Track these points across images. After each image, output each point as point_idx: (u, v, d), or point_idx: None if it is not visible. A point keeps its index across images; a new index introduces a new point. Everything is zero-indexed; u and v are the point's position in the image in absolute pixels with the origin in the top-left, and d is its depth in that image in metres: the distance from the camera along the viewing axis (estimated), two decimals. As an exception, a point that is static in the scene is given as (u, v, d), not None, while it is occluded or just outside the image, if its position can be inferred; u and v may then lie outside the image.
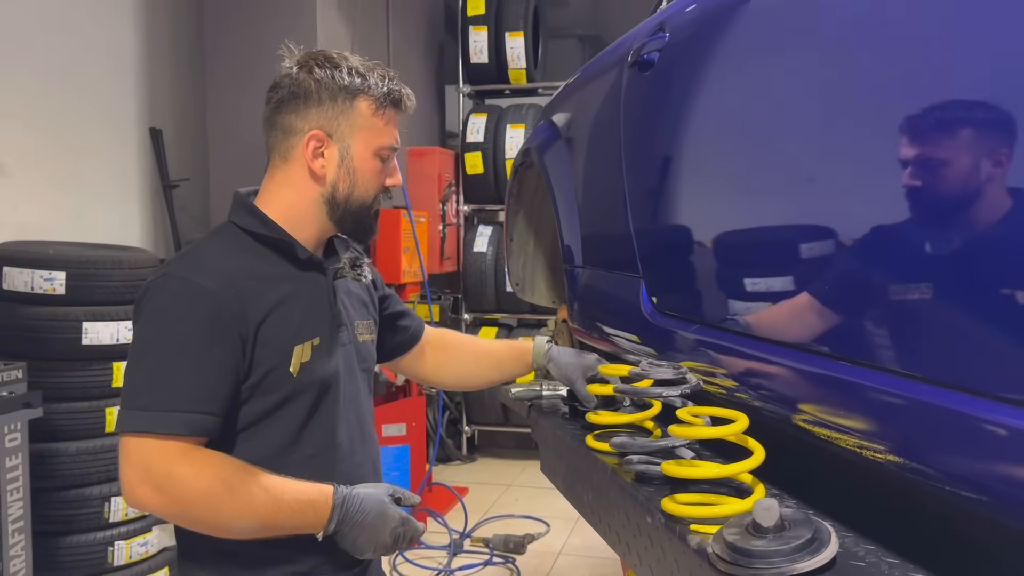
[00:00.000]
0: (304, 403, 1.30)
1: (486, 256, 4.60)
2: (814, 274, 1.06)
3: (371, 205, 1.36)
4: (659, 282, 1.52)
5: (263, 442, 1.27)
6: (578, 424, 1.58)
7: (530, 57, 4.69)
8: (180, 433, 1.17)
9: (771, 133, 1.17)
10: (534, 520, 3.83)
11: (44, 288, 2.74)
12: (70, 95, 3.34)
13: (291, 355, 1.27)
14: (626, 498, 1.21)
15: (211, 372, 1.20)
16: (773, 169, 1.17)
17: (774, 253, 1.15)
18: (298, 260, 1.33)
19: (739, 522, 0.96)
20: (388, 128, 1.35)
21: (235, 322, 1.22)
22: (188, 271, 1.24)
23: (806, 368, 1.03)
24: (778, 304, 1.16)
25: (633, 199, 1.60)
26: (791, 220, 1.14)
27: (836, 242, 1.01)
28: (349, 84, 1.31)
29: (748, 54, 1.25)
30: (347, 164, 1.32)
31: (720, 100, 1.33)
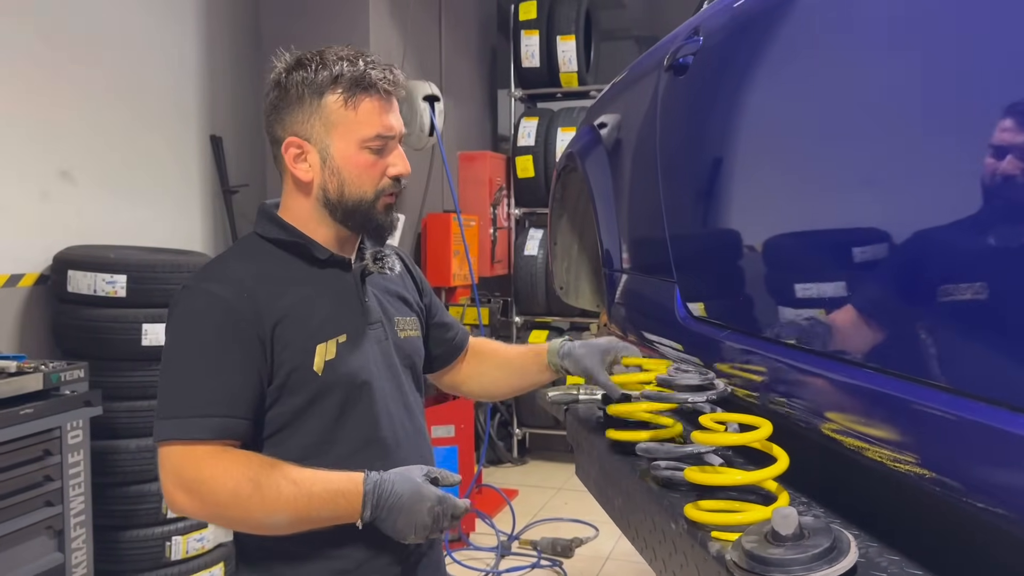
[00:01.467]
0: (334, 401, 1.30)
1: (537, 259, 4.61)
2: (851, 281, 1.04)
3: (372, 201, 1.33)
4: (692, 287, 1.51)
5: (296, 443, 1.28)
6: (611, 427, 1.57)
7: (582, 60, 4.69)
8: (204, 437, 1.19)
9: (801, 137, 1.16)
10: (583, 524, 3.83)
11: (106, 291, 2.84)
12: (134, 104, 3.45)
13: (313, 353, 1.27)
14: (652, 503, 1.20)
15: (231, 376, 1.23)
16: (799, 173, 1.16)
17: (807, 259, 1.13)
18: (318, 260, 1.34)
19: (758, 530, 0.95)
20: (369, 117, 1.29)
21: (251, 326, 1.24)
22: (205, 282, 1.27)
23: (840, 378, 1.01)
24: (811, 311, 1.15)
25: (668, 203, 1.60)
26: (825, 225, 1.12)
27: (879, 247, 0.99)
28: (313, 82, 1.28)
29: (781, 56, 1.23)
30: (330, 164, 1.30)
31: (753, 103, 1.31)
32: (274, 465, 1.21)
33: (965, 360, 0.84)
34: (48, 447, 2.44)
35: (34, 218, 2.99)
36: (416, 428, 1.41)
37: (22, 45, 2.94)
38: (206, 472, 1.19)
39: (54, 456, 2.46)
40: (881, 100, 0.97)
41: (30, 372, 2.42)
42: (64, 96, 3.11)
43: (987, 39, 0.79)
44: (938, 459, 0.88)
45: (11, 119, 2.90)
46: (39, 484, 2.42)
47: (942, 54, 0.86)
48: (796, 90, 1.18)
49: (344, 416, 1.31)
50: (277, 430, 1.28)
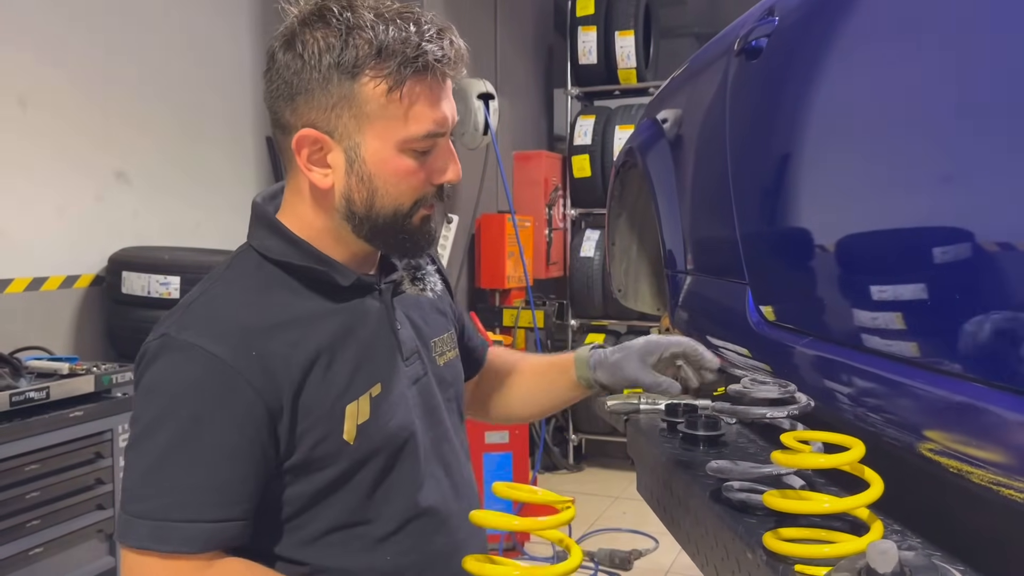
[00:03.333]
0: (371, 472, 1.01)
1: (593, 261, 4.50)
2: (950, 284, 0.92)
3: (408, 214, 1.02)
4: (767, 289, 1.39)
5: (319, 527, 1.01)
6: (675, 442, 1.46)
7: (640, 56, 4.56)
8: (187, 550, 0.91)
9: (896, 124, 1.04)
10: (642, 535, 3.70)
11: (160, 292, 2.83)
12: (190, 106, 3.45)
13: (343, 419, 0.98)
14: (725, 529, 1.09)
15: (227, 466, 0.93)
16: (892, 162, 1.04)
17: (906, 258, 1.01)
18: (341, 288, 1.04)
19: (851, 565, 0.83)
20: (420, 110, 0.97)
21: (258, 397, 0.94)
22: (191, 331, 0.94)
23: (942, 393, 0.89)
24: (910, 316, 1.02)
25: (739, 199, 1.48)
26: (925, 220, 0.99)
27: (968, 247, 0.87)
28: (347, 57, 0.94)
29: (870, 33, 1.11)
30: (358, 169, 0.98)
31: (838, 87, 1.19)
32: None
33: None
34: (99, 450, 2.43)
35: (90, 219, 3.00)
36: (462, 482, 1.14)
37: (79, 48, 2.95)
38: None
39: (105, 459, 2.45)
40: (990, 83, 0.85)
41: (82, 374, 2.41)
42: (120, 98, 3.12)
43: None
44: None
45: (69, 121, 2.91)
46: (90, 487, 2.41)
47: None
48: (887, 71, 1.06)
49: (380, 490, 1.03)
50: (295, 514, 1.00)
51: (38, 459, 2.21)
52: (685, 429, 1.43)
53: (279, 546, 1.01)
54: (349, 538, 1.02)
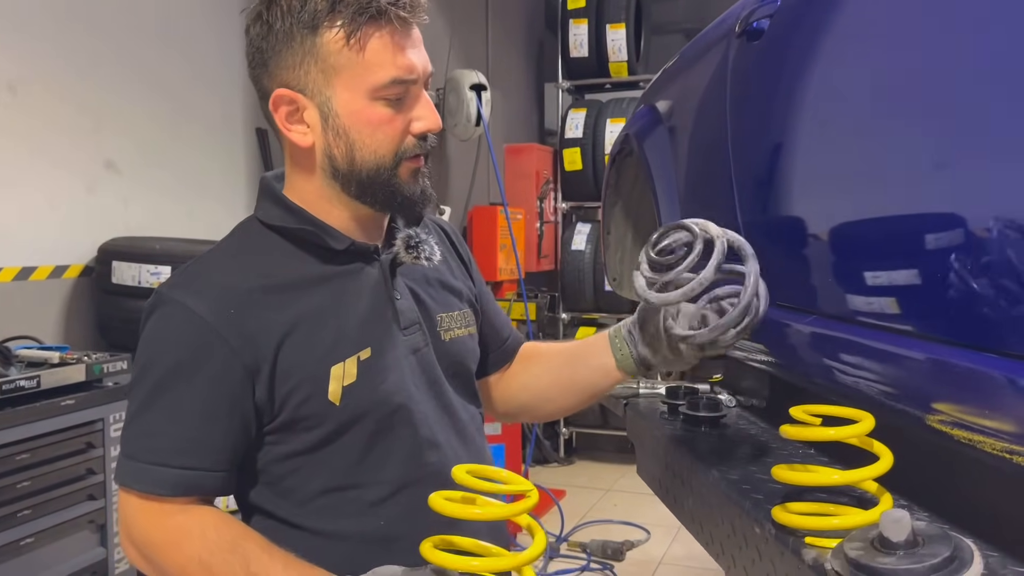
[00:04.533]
0: (360, 435, 1.04)
1: (584, 254, 4.51)
2: (949, 262, 0.93)
3: (393, 167, 1.04)
4: (772, 271, 1.39)
5: (311, 489, 1.04)
6: (677, 424, 1.47)
7: (632, 49, 4.57)
8: (159, 492, 0.97)
9: (895, 109, 1.04)
10: (633, 527, 3.71)
11: (150, 282, 2.81)
12: (179, 96, 3.43)
13: (327, 379, 1.01)
14: (731, 506, 1.09)
15: (202, 419, 0.99)
16: (897, 144, 1.04)
17: (910, 239, 1.01)
18: (336, 253, 1.07)
19: (863, 535, 0.84)
20: (382, 55, 0.99)
21: (236, 355, 0.98)
22: (180, 291, 1.01)
23: (950, 361, 0.89)
24: (910, 292, 1.03)
25: (741, 183, 1.48)
26: (923, 208, 1.00)
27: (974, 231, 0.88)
28: (306, 14, 0.98)
29: (873, 16, 1.11)
30: (333, 123, 1.01)
31: (844, 67, 1.19)
32: (235, 547, 0.96)
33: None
34: (91, 439, 2.41)
35: (79, 209, 2.97)
36: (472, 456, 1.14)
37: (70, 38, 2.92)
38: (156, 537, 0.98)
39: (96, 449, 2.42)
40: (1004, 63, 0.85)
41: (73, 363, 2.39)
42: (110, 87, 3.09)
43: None
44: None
45: (59, 110, 2.88)
46: (82, 477, 2.38)
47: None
48: (888, 54, 1.06)
49: (372, 454, 1.04)
50: (286, 474, 1.04)
51: (29, 448, 2.18)
52: (686, 411, 1.44)
53: (277, 509, 1.05)
54: (341, 502, 1.04)
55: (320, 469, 1.03)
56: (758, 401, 1.59)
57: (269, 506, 1.05)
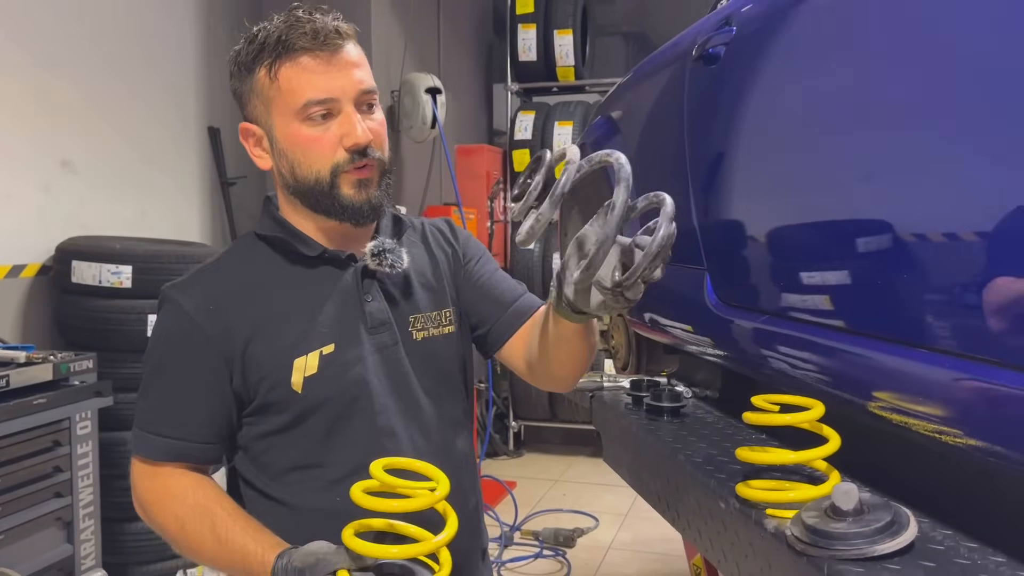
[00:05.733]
0: (321, 420, 1.16)
1: (533, 253, 4.63)
2: (887, 264, 1.07)
3: (330, 179, 1.14)
4: (725, 274, 1.53)
5: (283, 463, 1.18)
6: (641, 414, 1.60)
7: (578, 55, 4.71)
8: (151, 457, 1.15)
9: (842, 127, 1.19)
10: (583, 515, 3.85)
11: (111, 281, 2.83)
12: (133, 95, 3.43)
13: (290, 370, 1.14)
14: (697, 485, 1.23)
15: (185, 398, 1.15)
16: (834, 161, 1.19)
17: (848, 243, 1.16)
18: (309, 259, 1.20)
19: (817, 506, 0.98)
20: (295, 82, 1.12)
21: (211, 345, 1.14)
22: (176, 289, 1.18)
23: (888, 359, 1.04)
24: (850, 292, 1.18)
25: (697, 192, 1.62)
26: (858, 214, 1.15)
27: (905, 235, 1.02)
28: (246, 58, 1.16)
29: (817, 49, 1.26)
30: (277, 147, 1.16)
31: (790, 93, 1.34)
32: (206, 510, 1.12)
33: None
34: (58, 438, 2.43)
35: (35, 208, 2.97)
36: (435, 449, 1.21)
37: (22, 37, 2.91)
38: (148, 495, 1.16)
39: (63, 447, 2.45)
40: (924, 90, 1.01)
41: (39, 363, 2.41)
42: (65, 86, 3.09)
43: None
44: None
45: (13, 109, 2.88)
46: (49, 475, 2.41)
47: (992, 46, 0.89)
48: (827, 80, 1.21)
49: (334, 437, 1.17)
50: (261, 452, 1.19)
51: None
52: (650, 402, 1.57)
53: (256, 480, 1.20)
54: (306, 478, 1.17)
55: (289, 448, 1.17)
56: (711, 392, 1.74)
57: (250, 477, 1.20)
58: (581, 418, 4.72)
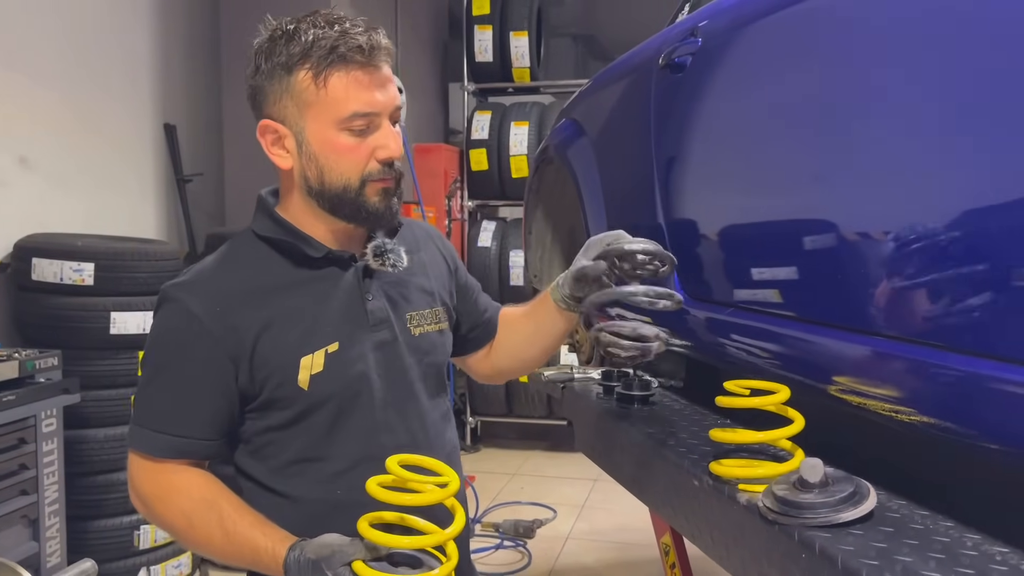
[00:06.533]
0: (324, 416, 1.20)
1: (490, 251, 4.70)
2: (851, 259, 1.17)
3: (359, 188, 1.19)
4: (692, 270, 1.62)
5: (285, 457, 1.21)
6: (612, 402, 1.69)
7: (534, 56, 4.80)
8: (154, 454, 1.17)
9: (795, 133, 1.29)
10: (541, 507, 3.94)
11: (73, 279, 2.81)
12: (89, 91, 3.41)
13: (297, 368, 1.18)
14: (671, 466, 1.32)
15: (191, 396, 1.17)
16: (794, 165, 1.29)
17: (803, 242, 1.26)
18: (313, 260, 1.23)
19: (786, 480, 1.08)
20: (345, 92, 1.14)
21: (219, 344, 1.16)
22: (180, 289, 1.19)
23: (848, 345, 1.14)
24: (804, 285, 1.28)
25: (664, 192, 1.71)
26: (812, 214, 1.25)
27: (852, 233, 1.14)
28: (283, 58, 1.16)
29: (775, 61, 1.36)
30: (306, 150, 1.18)
31: (749, 102, 1.44)
32: (213, 504, 1.15)
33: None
34: (23, 435, 2.43)
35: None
36: (417, 442, 1.26)
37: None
38: (151, 491, 1.18)
39: (29, 444, 2.45)
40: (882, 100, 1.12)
41: (4, 360, 2.40)
42: (21, 82, 3.06)
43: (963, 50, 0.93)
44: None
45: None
46: (14, 473, 2.40)
47: (946, 58, 0.99)
48: (787, 91, 1.32)
49: (336, 431, 1.21)
50: (263, 445, 1.22)
51: (-36, 445, 2.20)
52: (621, 390, 1.66)
53: (257, 473, 1.23)
54: (308, 471, 1.21)
55: (291, 442, 1.21)
56: (676, 381, 1.84)
57: (250, 470, 1.23)
58: (537, 413, 4.81)
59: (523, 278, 4.63)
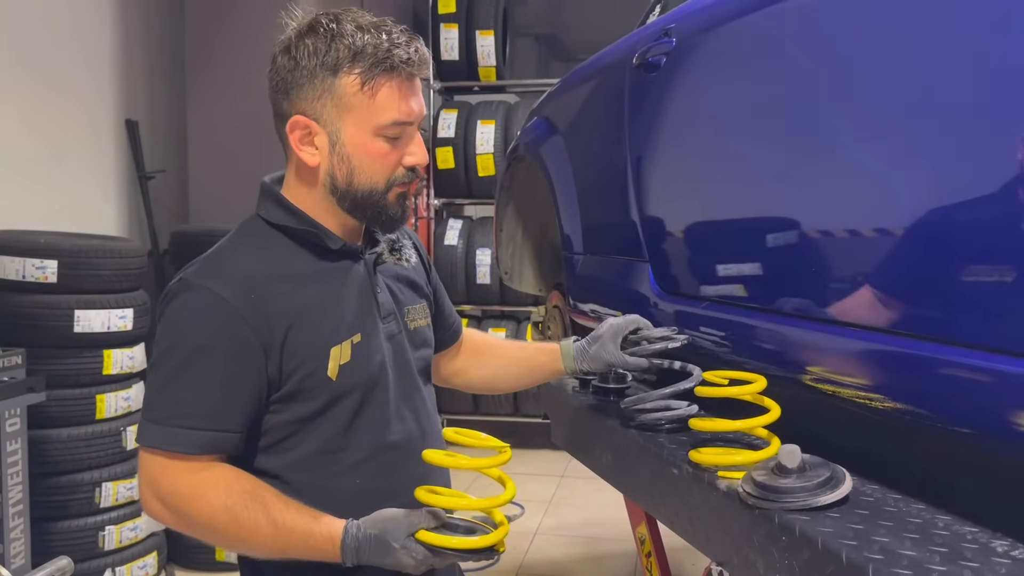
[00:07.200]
0: (347, 406, 1.21)
1: (456, 249, 4.71)
2: (827, 255, 1.22)
3: (384, 191, 1.22)
4: (667, 267, 1.66)
5: (303, 451, 1.20)
6: (589, 396, 1.72)
7: (499, 55, 4.81)
8: (189, 452, 1.13)
9: (767, 132, 1.33)
10: (510, 503, 3.96)
11: (36, 276, 2.77)
12: (49, 87, 3.35)
13: (327, 359, 1.19)
14: (650, 456, 1.35)
15: (226, 387, 1.14)
16: (764, 162, 1.34)
17: (786, 236, 1.30)
18: (330, 252, 1.24)
19: (765, 466, 1.11)
20: (389, 101, 1.17)
21: (255, 334, 1.14)
22: (206, 277, 1.17)
23: (828, 337, 1.18)
24: (775, 279, 1.32)
25: (639, 190, 1.74)
26: (783, 211, 1.30)
27: (820, 229, 1.19)
28: (329, 58, 1.15)
29: (747, 62, 1.41)
30: (339, 151, 1.19)
31: (722, 101, 1.48)
32: (255, 497, 1.13)
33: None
34: (-15, 434, 2.39)
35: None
36: (427, 428, 1.32)
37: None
38: (184, 490, 1.13)
39: (-9, 443, 2.41)
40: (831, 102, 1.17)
41: (-34, 358, 2.36)
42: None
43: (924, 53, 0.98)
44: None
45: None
46: (-24, 472, 2.36)
47: (910, 61, 1.04)
48: (757, 91, 1.36)
49: (355, 422, 1.22)
50: (283, 438, 1.21)
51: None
52: (597, 384, 1.69)
53: (273, 466, 1.21)
54: (326, 463, 1.22)
55: (314, 434, 1.21)
56: (650, 376, 1.87)
57: (264, 465, 1.21)
58: (504, 411, 4.83)
59: (489, 276, 4.65)
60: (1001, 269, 0.91)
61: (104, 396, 2.87)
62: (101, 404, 2.86)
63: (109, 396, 2.88)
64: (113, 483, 2.88)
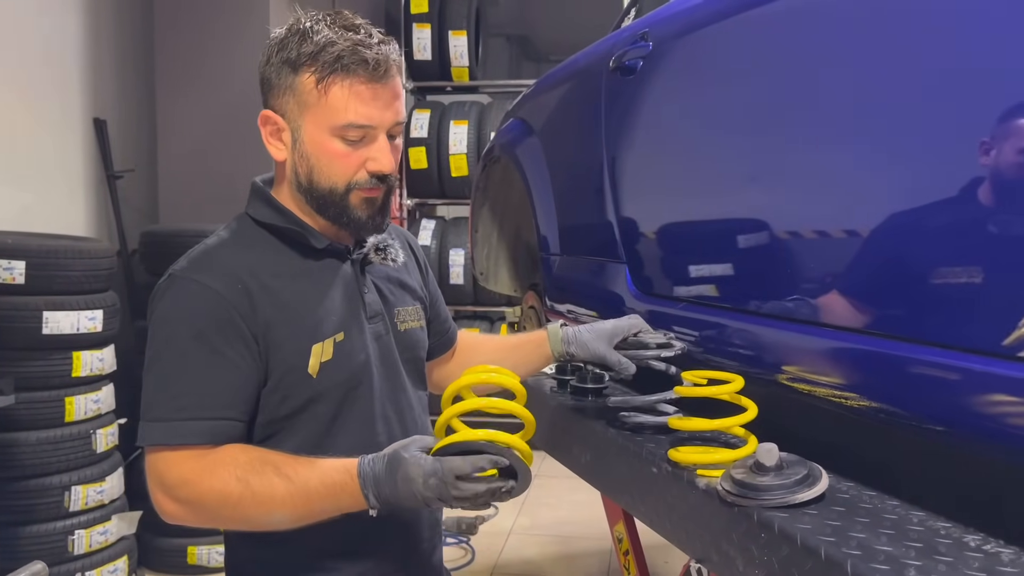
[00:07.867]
0: (329, 405, 1.22)
1: (430, 249, 4.70)
2: (800, 256, 1.24)
3: (344, 193, 1.21)
4: (643, 268, 1.68)
5: (285, 450, 1.17)
6: (567, 395, 1.73)
7: (472, 55, 4.82)
8: (196, 442, 1.12)
9: (743, 135, 1.36)
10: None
11: (3, 278, 2.72)
12: (14, 86, 3.29)
13: (308, 355, 1.19)
14: (629, 454, 1.36)
15: (223, 374, 1.14)
16: (737, 167, 1.36)
17: (761, 237, 1.32)
18: (316, 251, 1.25)
19: (743, 464, 1.13)
20: (341, 102, 1.16)
21: (244, 321, 1.16)
22: (193, 271, 1.18)
23: (804, 336, 1.20)
24: (748, 280, 1.34)
25: (616, 192, 1.76)
26: (759, 213, 1.32)
27: (793, 232, 1.21)
28: (292, 55, 1.17)
29: (724, 66, 1.43)
30: (300, 148, 1.20)
31: (697, 104, 1.51)
32: (265, 460, 1.13)
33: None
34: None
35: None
36: (420, 431, 1.31)
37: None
38: (191, 476, 1.12)
39: (-41, 447, 2.37)
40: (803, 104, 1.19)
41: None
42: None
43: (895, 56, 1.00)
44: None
45: None
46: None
47: (883, 67, 1.06)
48: (733, 95, 1.39)
49: (338, 421, 1.23)
50: (267, 436, 1.21)
51: None
52: (575, 384, 1.70)
53: None
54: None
55: (294, 434, 1.21)
56: (627, 375, 1.89)
57: None
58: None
59: (463, 277, 4.65)
60: (970, 270, 0.94)
61: (73, 399, 2.83)
62: (70, 406, 2.82)
63: (78, 398, 2.84)
64: (83, 487, 2.84)
